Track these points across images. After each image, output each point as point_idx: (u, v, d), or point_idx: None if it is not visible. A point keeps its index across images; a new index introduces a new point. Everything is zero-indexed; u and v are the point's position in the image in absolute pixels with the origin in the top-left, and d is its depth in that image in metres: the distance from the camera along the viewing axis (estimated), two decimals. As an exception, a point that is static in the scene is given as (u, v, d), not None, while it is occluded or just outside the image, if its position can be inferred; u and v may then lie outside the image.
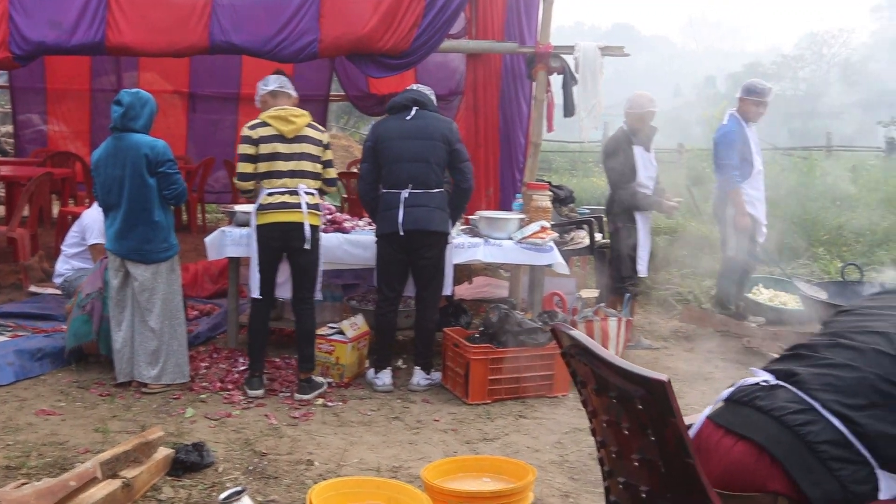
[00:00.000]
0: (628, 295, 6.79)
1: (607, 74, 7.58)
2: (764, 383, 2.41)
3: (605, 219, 7.63)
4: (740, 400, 2.41)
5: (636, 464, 2.16)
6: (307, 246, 5.44)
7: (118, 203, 5.42)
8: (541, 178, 9.03)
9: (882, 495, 2.24)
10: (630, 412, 2.13)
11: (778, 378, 2.42)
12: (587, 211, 9.06)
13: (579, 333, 2.35)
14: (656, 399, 2.02)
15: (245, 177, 5.46)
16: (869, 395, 2.27)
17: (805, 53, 54.91)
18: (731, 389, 2.50)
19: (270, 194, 5.42)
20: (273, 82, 5.64)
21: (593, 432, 2.45)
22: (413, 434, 5.01)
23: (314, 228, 5.50)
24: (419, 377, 5.83)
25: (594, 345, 2.28)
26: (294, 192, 5.42)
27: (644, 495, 2.17)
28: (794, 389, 2.35)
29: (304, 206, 5.41)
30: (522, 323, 5.66)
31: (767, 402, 2.35)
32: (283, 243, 5.45)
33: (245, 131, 5.46)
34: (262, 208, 5.43)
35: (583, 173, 18.20)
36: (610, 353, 2.23)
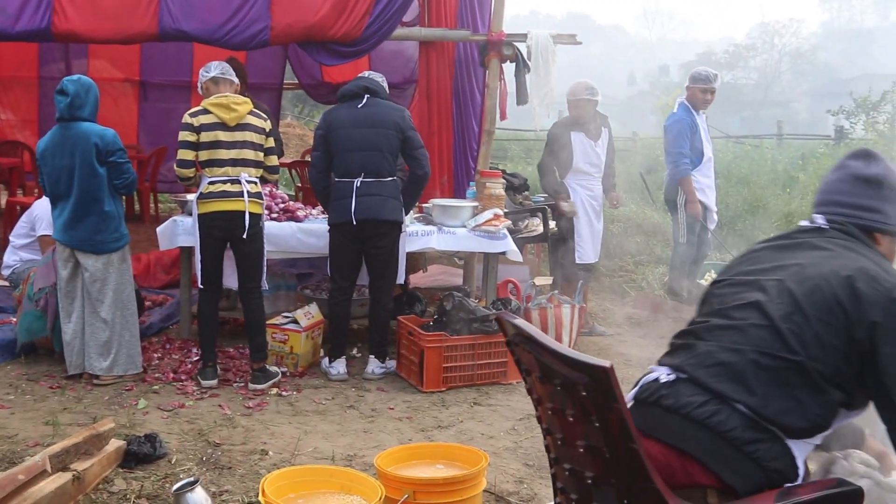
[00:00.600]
0: (581, 282, 6.84)
1: (562, 63, 7.61)
2: (664, 380, 2.43)
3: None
4: (647, 400, 2.43)
5: (581, 450, 2.18)
6: (246, 236, 5.40)
7: (67, 193, 5.34)
8: (495, 166, 9.06)
9: (799, 462, 2.31)
10: (574, 399, 2.15)
11: (676, 371, 2.45)
12: (542, 199, 9.11)
13: (523, 322, 2.37)
14: (600, 385, 2.04)
15: (185, 164, 5.39)
16: (758, 374, 2.32)
17: (756, 43, 55.58)
18: (636, 389, 2.52)
19: (212, 183, 5.37)
20: (214, 69, 5.56)
21: (539, 420, 2.47)
22: (368, 422, 5.01)
23: (256, 217, 5.46)
24: (374, 366, 5.84)
25: (538, 333, 2.29)
26: (236, 181, 5.37)
27: (589, 481, 2.20)
28: (692, 383, 2.38)
29: (245, 195, 5.37)
30: (476, 311, 5.68)
31: (673, 399, 2.37)
32: (226, 232, 5.40)
33: (186, 118, 5.39)
34: (203, 197, 5.39)
35: (538, 161, 18.27)
36: (553, 341, 2.25)
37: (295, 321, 5.93)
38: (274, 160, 5.61)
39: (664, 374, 2.45)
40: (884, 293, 2.32)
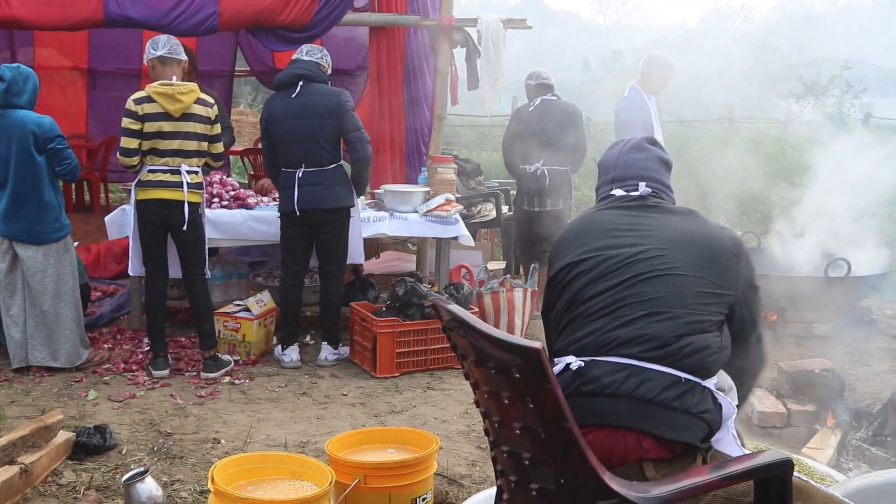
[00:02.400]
0: (534, 265, 6.88)
1: (517, 49, 7.63)
2: (575, 368, 2.45)
3: (511, 191, 7.72)
4: (565, 392, 2.38)
5: (518, 432, 2.20)
6: (186, 227, 5.34)
7: (4, 182, 5.25)
8: (448, 151, 9.07)
9: (718, 398, 2.45)
10: (509, 382, 2.16)
11: (581, 355, 2.47)
12: (496, 184, 9.14)
13: (456, 307, 2.38)
14: (532, 367, 2.06)
15: (128, 152, 5.28)
16: (664, 335, 2.43)
17: (709, 28, 56.08)
18: None
19: (152, 171, 5.31)
20: (163, 46, 5.38)
21: (477, 404, 2.49)
22: (321, 409, 5.01)
23: (195, 206, 5.41)
24: (327, 352, 5.83)
25: (471, 317, 2.30)
26: (176, 171, 5.31)
27: (527, 462, 2.22)
28: (608, 359, 2.42)
29: (184, 186, 5.31)
30: (428, 295, 5.69)
31: (593, 384, 2.40)
32: (164, 220, 5.34)
33: (130, 105, 5.27)
34: (142, 185, 5.33)
35: (492, 147, 18.30)
36: (486, 325, 2.26)
37: (247, 309, 5.90)
38: (219, 147, 5.55)
39: (573, 363, 2.47)
40: (738, 246, 2.65)
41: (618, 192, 2.78)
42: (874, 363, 6.23)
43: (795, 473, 2.28)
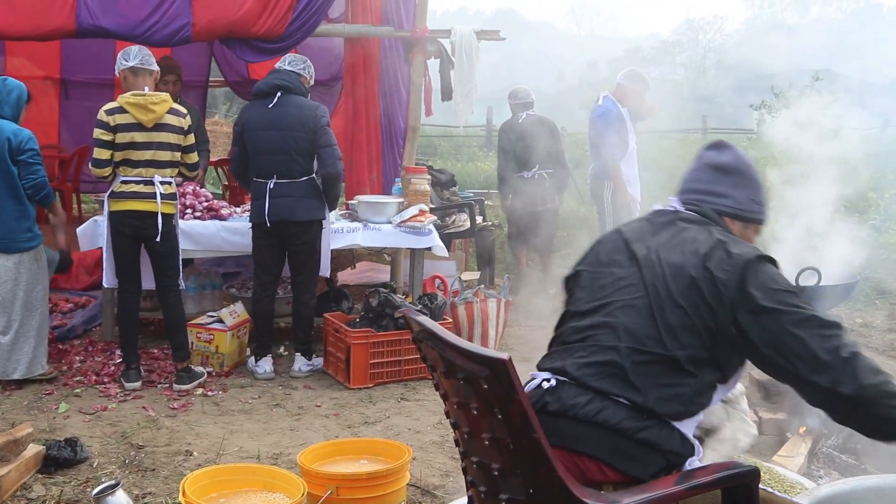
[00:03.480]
0: (507, 276, 6.91)
1: (492, 59, 7.72)
2: (546, 384, 2.46)
3: (486, 202, 7.80)
4: (536, 410, 2.40)
5: (487, 443, 2.21)
6: (159, 238, 5.32)
7: None
8: (423, 162, 9.09)
9: (690, 437, 2.38)
10: (477, 392, 2.17)
11: (556, 375, 2.47)
12: (470, 194, 9.17)
13: (425, 318, 2.40)
14: (499, 378, 2.07)
15: (100, 163, 5.26)
16: (634, 369, 2.36)
17: (682, 39, 56.56)
18: None
19: (125, 182, 5.28)
20: (134, 57, 5.35)
21: (447, 415, 2.50)
22: (294, 420, 5.00)
23: (169, 217, 5.39)
24: (300, 363, 5.82)
25: (439, 329, 2.32)
26: (149, 182, 5.29)
27: (496, 473, 2.23)
28: (574, 385, 2.41)
29: (158, 197, 5.29)
30: (402, 306, 5.69)
31: (557, 405, 2.40)
32: (137, 231, 5.32)
33: (102, 115, 5.24)
34: (115, 196, 5.30)
35: (467, 157, 18.35)
36: (454, 336, 2.27)
37: (220, 320, 5.88)
38: (193, 157, 5.54)
39: (545, 381, 2.47)
40: (737, 264, 2.40)
41: (673, 201, 2.73)
42: (845, 371, 6.27)
43: (761, 486, 2.30)
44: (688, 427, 2.39)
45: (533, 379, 2.52)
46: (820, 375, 2.28)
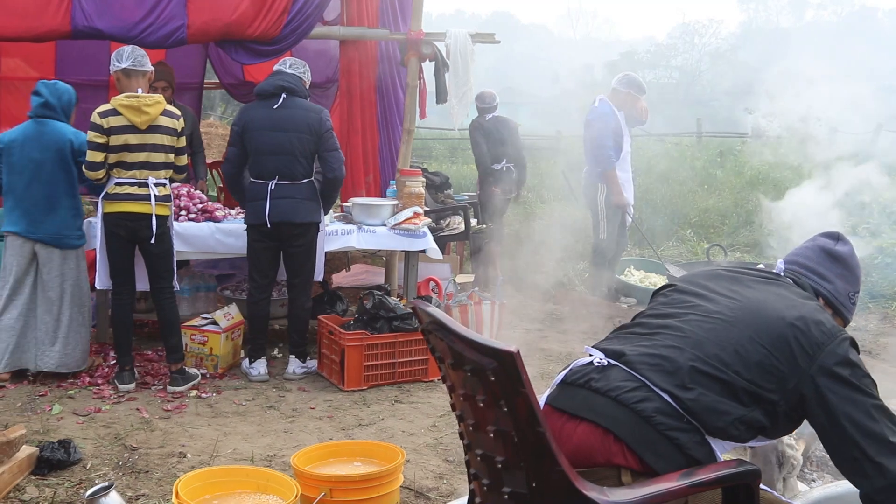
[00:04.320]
0: (501, 279, 6.92)
1: (487, 62, 7.72)
2: (598, 363, 2.48)
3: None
4: (576, 382, 2.48)
5: (491, 435, 2.22)
6: (154, 240, 5.34)
7: (36, 187, 5.40)
8: (418, 164, 9.10)
9: (718, 456, 2.37)
10: (484, 385, 2.19)
11: (608, 357, 2.50)
12: (465, 197, 9.18)
13: (435, 309, 2.40)
14: (507, 370, 2.08)
15: (94, 166, 5.27)
16: (692, 375, 2.38)
17: (677, 43, 56.61)
18: (565, 371, 2.57)
19: (119, 184, 5.30)
20: (127, 58, 5.37)
21: (453, 407, 2.51)
22: (288, 423, 5.00)
23: (163, 219, 5.40)
24: (294, 366, 5.82)
25: (449, 320, 2.32)
26: (143, 184, 5.30)
27: (500, 465, 2.23)
28: (626, 369, 2.44)
29: (152, 199, 5.30)
30: (396, 308, 5.71)
31: (602, 383, 2.42)
32: (131, 233, 5.34)
33: (95, 118, 5.26)
34: (109, 197, 5.32)
35: (462, 160, 18.35)
36: (464, 328, 2.28)
37: (214, 322, 5.88)
38: (182, 160, 5.54)
39: (598, 358, 2.50)
40: (832, 334, 2.43)
41: (779, 264, 2.82)
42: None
43: (762, 486, 2.31)
44: (719, 446, 2.39)
45: (588, 355, 2.56)
46: (887, 458, 2.30)
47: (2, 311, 5.45)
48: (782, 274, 2.75)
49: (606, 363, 2.48)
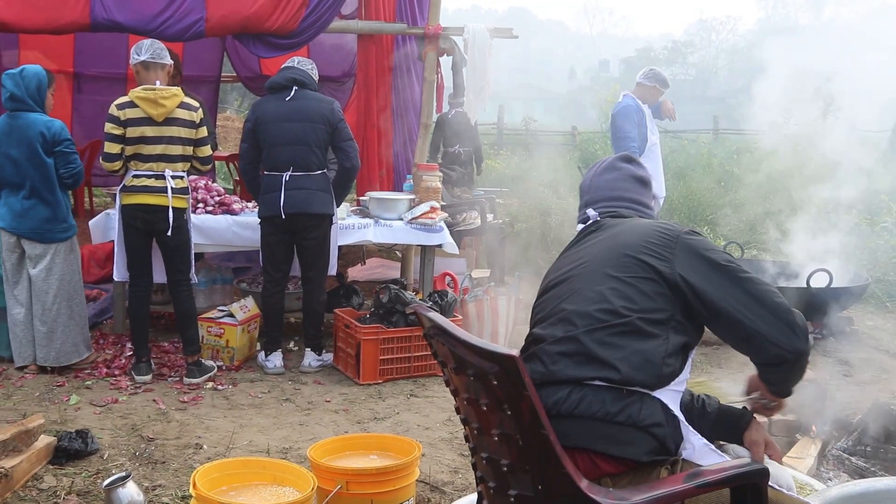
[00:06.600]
0: (518, 273, 6.91)
1: (503, 58, 7.71)
2: None
3: (497, 199, 7.81)
4: None
5: (496, 439, 2.22)
6: (171, 232, 5.35)
7: (21, 183, 5.35)
8: (434, 159, 9.10)
9: (672, 408, 2.39)
10: (487, 389, 2.18)
11: (536, 384, 2.43)
12: (482, 193, 9.17)
13: (436, 315, 2.40)
14: (509, 374, 2.08)
15: (111, 157, 5.30)
16: (597, 347, 2.40)
17: (694, 39, 56.44)
18: None
19: (136, 176, 5.31)
20: (146, 51, 5.37)
21: (457, 410, 2.51)
22: (304, 415, 5.01)
23: (180, 211, 5.41)
24: (310, 359, 5.83)
25: (450, 325, 2.32)
26: (160, 176, 5.31)
27: (505, 468, 2.23)
28: (550, 384, 2.43)
29: (169, 191, 5.31)
30: (412, 303, 5.70)
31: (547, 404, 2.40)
32: (148, 225, 5.35)
33: (112, 110, 5.28)
34: (126, 189, 5.33)
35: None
36: (465, 332, 2.28)
37: (230, 315, 5.90)
38: (206, 151, 5.53)
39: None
40: (671, 237, 2.53)
41: (591, 212, 2.85)
42: (855, 373, 6.27)
43: (770, 484, 2.30)
44: (669, 398, 2.40)
45: None
46: (772, 328, 2.38)
47: (12, 306, 5.46)
48: (599, 218, 2.80)
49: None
